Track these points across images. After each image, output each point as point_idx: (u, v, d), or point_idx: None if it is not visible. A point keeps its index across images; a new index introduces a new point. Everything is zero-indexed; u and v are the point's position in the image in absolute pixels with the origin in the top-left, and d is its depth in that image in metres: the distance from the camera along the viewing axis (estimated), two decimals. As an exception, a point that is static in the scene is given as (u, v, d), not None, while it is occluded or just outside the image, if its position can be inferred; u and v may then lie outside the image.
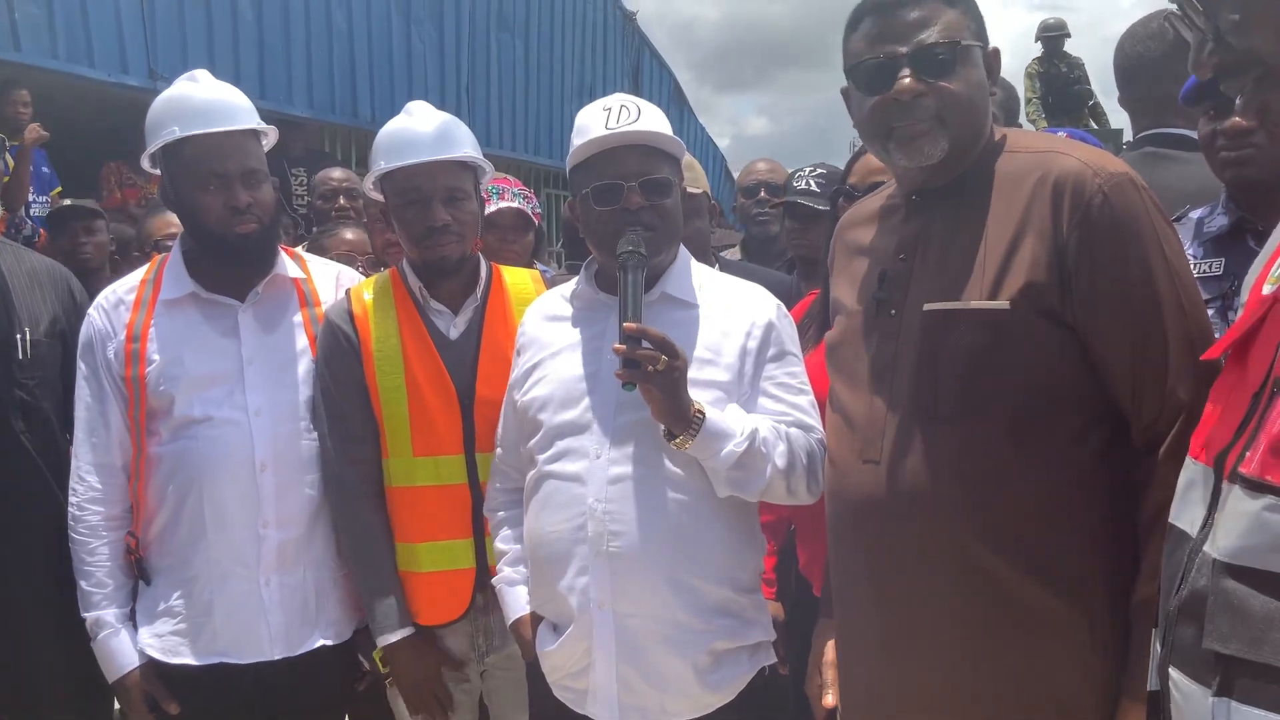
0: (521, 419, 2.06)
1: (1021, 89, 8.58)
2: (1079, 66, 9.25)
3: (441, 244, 2.26)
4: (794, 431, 1.93)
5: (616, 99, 2.01)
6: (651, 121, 1.96)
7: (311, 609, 2.31)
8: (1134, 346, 1.52)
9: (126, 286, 2.37)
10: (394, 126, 2.34)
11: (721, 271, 2.55)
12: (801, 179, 3.26)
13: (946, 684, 1.61)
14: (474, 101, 11.06)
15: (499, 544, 2.18)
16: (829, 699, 1.83)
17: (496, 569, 2.18)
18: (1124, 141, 5.50)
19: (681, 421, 1.81)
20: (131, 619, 2.31)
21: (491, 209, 3.05)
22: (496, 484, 2.21)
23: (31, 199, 5.92)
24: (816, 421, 1.97)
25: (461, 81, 10.95)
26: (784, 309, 2.08)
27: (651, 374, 1.76)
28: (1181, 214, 2.20)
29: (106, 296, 2.36)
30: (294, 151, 7.83)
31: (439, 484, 2.27)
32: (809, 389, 2.01)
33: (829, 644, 1.88)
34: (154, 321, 2.30)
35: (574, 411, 1.95)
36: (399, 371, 2.27)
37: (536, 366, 2.05)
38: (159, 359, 2.27)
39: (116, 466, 2.32)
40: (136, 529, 2.30)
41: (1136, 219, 1.53)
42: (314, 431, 2.32)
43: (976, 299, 1.57)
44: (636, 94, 2.18)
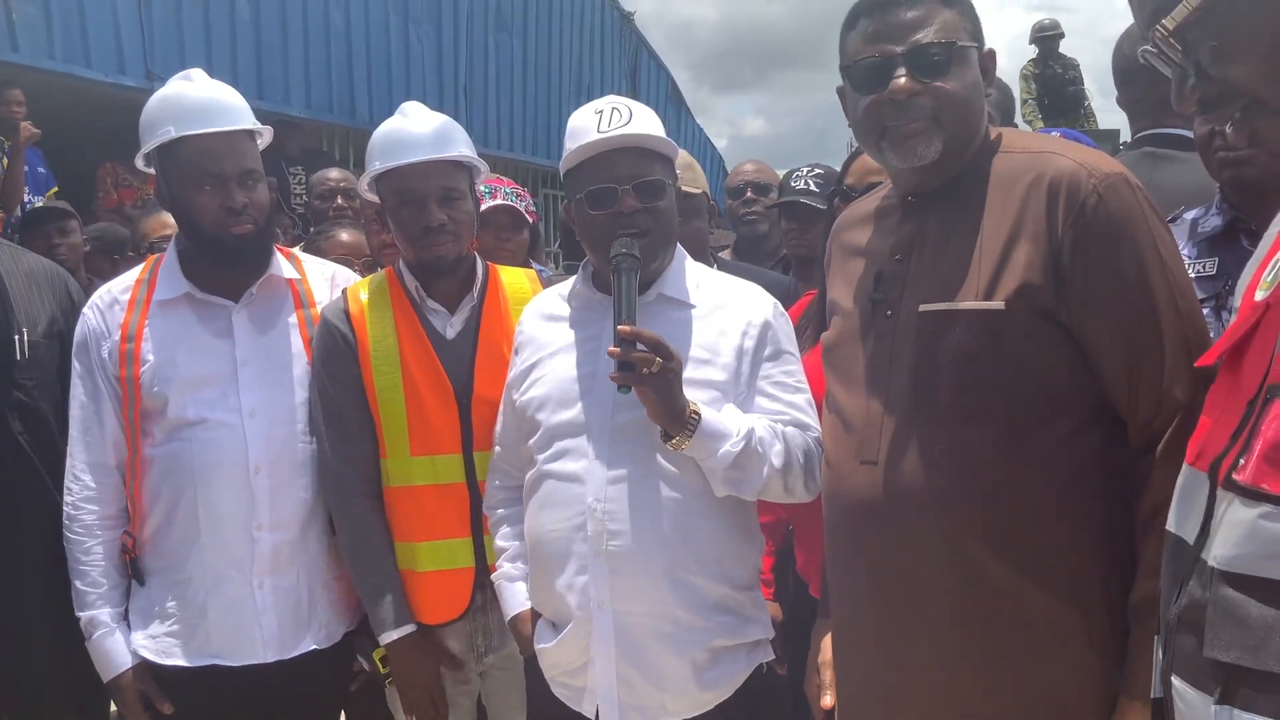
0: (520, 418, 2.07)
1: (1017, 90, 8.58)
2: (1074, 67, 9.26)
3: (437, 244, 2.26)
4: (790, 430, 1.93)
5: (608, 101, 2.01)
6: (644, 124, 1.97)
7: (304, 612, 2.30)
8: (1129, 346, 1.52)
9: (121, 286, 2.36)
10: (388, 127, 2.34)
11: (719, 271, 2.55)
12: (800, 179, 3.27)
13: (944, 684, 1.61)
14: (472, 102, 11.06)
15: (499, 541, 2.18)
16: (827, 699, 1.83)
17: (496, 566, 2.19)
18: (1120, 142, 5.50)
19: (677, 422, 1.82)
20: (126, 619, 2.31)
21: (484, 208, 3.06)
22: (495, 482, 2.21)
23: (28, 199, 5.91)
24: (813, 420, 1.98)
25: (459, 82, 10.94)
26: (781, 308, 2.08)
27: (646, 376, 1.77)
28: (1176, 215, 2.20)
29: (101, 296, 2.35)
30: (291, 151, 7.83)
31: (437, 483, 2.27)
32: (806, 388, 2.02)
33: (826, 643, 1.88)
34: (149, 322, 2.29)
35: (572, 411, 1.96)
36: (396, 371, 2.27)
37: (534, 366, 2.05)
38: (153, 359, 2.26)
39: (111, 465, 2.31)
40: (133, 529, 2.30)
41: (1131, 219, 1.54)
42: (309, 433, 2.31)
43: (972, 300, 1.57)
44: (634, 94, 2.18)
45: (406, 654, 2.24)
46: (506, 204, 3.18)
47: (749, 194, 3.97)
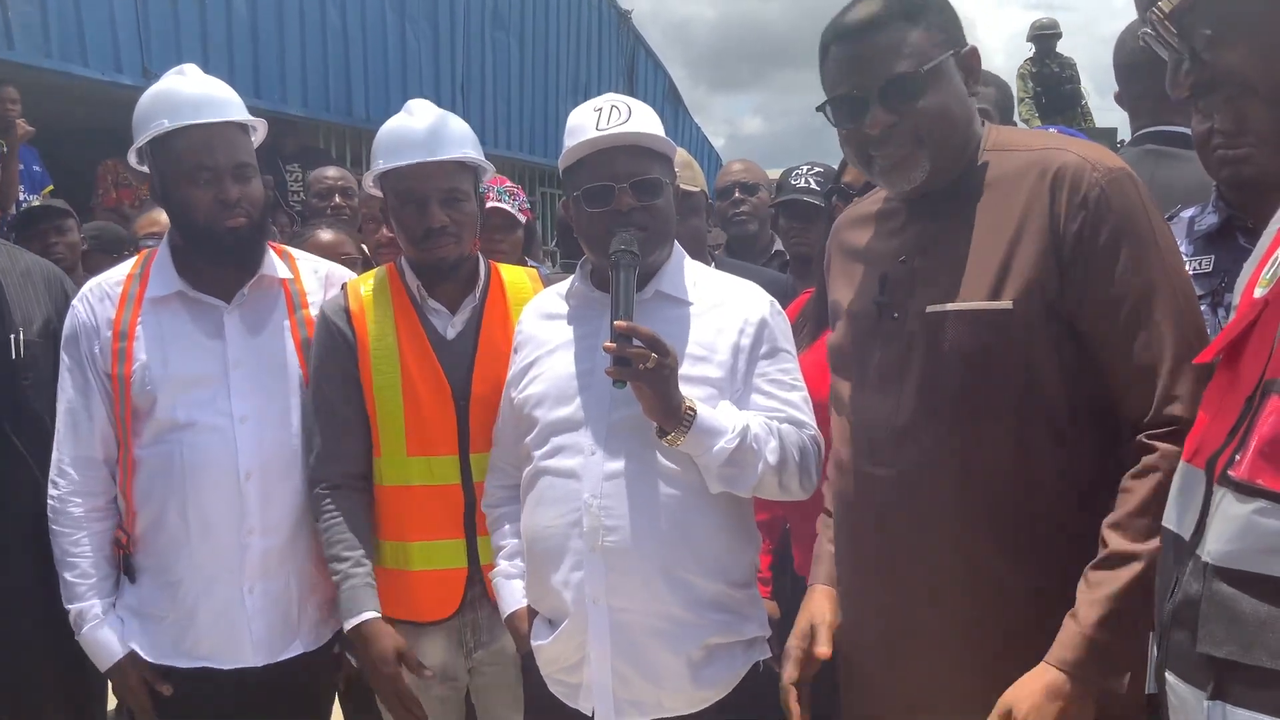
0: (518, 415, 2.07)
1: (1015, 88, 8.59)
2: (1071, 66, 9.27)
3: (439, 246, 2.25)
4: (786, 428, 1.94)
5: (607, 99, 2.01)
6: (642, 122, 1.97)
7: (294, 615, 2.29)
8: (1128, 340, 1.51)
9: (113, 280, 2.32)
10: (393, 125, 2.32)
11: (717, 269, 2.55)
12: (800, 177, 3.26)
13: (955, 686, 1.60)
14: (469, 99, 11.06)
15: (496, 539, 2.18)
16: (824, 648, 1.79)
17: (494, 563, 2.18)
18: (1117, 140, 5.51)
19: (672, 418, 1.82)
20: (115, 609, 2.28)
21: None
22: (494, 480, 2.21)
23: (23, 198, 5.89)
24: (809, 418, 1.98)
25: (456, 79, 10.95)
26: (778, 306, 2.08)
27: (641, 371, 1.77)
28: (1173, 213, 2.20)
29: (92, 290, 2.31)
30: (288, 149, 7.83)
31: (432, 484, 2.26)
32: (802, 386, 2.02)
33: (817, 603, 1.84)
34: (140, 319, 2.26)
35: (569, 408, 1.96)
36: (395, 370, 2.26)
37: (533, 364, 2.06)
38: (144, 358, 2.23)
39: (99, 460, 2.28)
40: (126, 525, 2.28)
41: (1133, 214, 1.53)
42: (300, 438, 2.29)
43: (979, 299, 1.56)
44: (631, 93, 2.17)
45: (362, 643, 2.19)
46: (498, 205, 3.17)
47: (737, 194, 3.96)
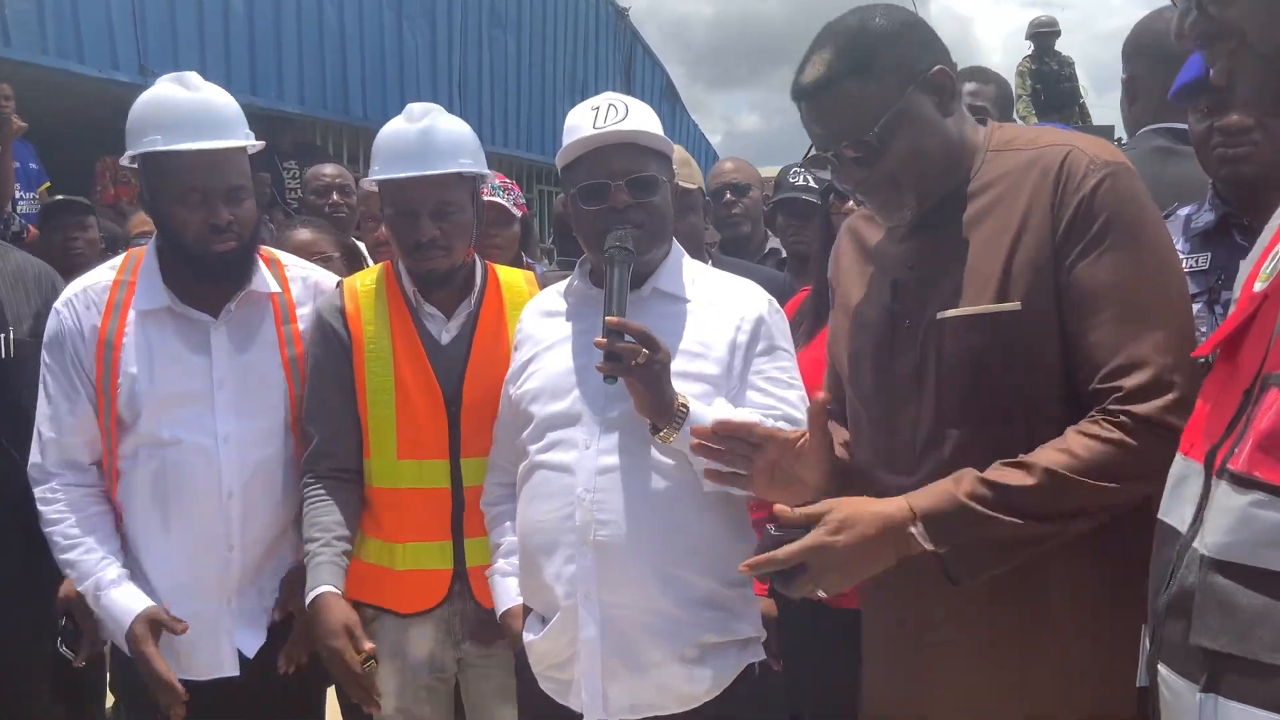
0: (515, 411, 2.07)
1: (1014, 86, 8.60)
2: (1069, 64, 9.28)
3: (428, 259, 2.23)
4: (781, 425, 1.93)
5: (605, 98, 2.01)
6: (639, 120, 1.96)
7: (275, 618, 2.28)
8: (1115, 326, 1.49)
9: (98, 286, 2.24)
10: (391, 131, 2.28)
11: (714, 267, 2.55)
12: (797, 175, 3.27)
13: (974, 688, 1.60)
14: (466, 97, 11.06)
15: (493, 537, 2.18)
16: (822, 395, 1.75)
17: (491, 561, 2.18)
18: (1114, 138, 5.51)
19: (665, 415, 1.82)
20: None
21: None
22: (492, 478, 2.21)
23: (19, 195, 5.88)
24: (805, 416, 1.97)
25: (453, 77, 10.94)
26: (776, 304, 2.08)
27: (633, 367, 1.77)
28: (1170, 211, 2.20)
29: (76, 296, 2.22)
30: (285, 146, 7.82)
31: (422, 487, 2.25)
32: (799, 384, 2.02)
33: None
34: (128, 330, 2.19)
35: (565, 403, 1.96)
36: (388, 374, 2.26)
37: (531, 360, 2.06)
38: (131, 371, 2.17)
39: (84, 465, 2.23)
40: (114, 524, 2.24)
41: (1127, 209, 1.52)
42: (284, 457, 2.27)
43: (987, 302, 1.56)
44: (628, 90, 2.16)
45: (314, 615, 2.14)
46: (492, 200, 3.16)
47: (728, 195, 3.94)
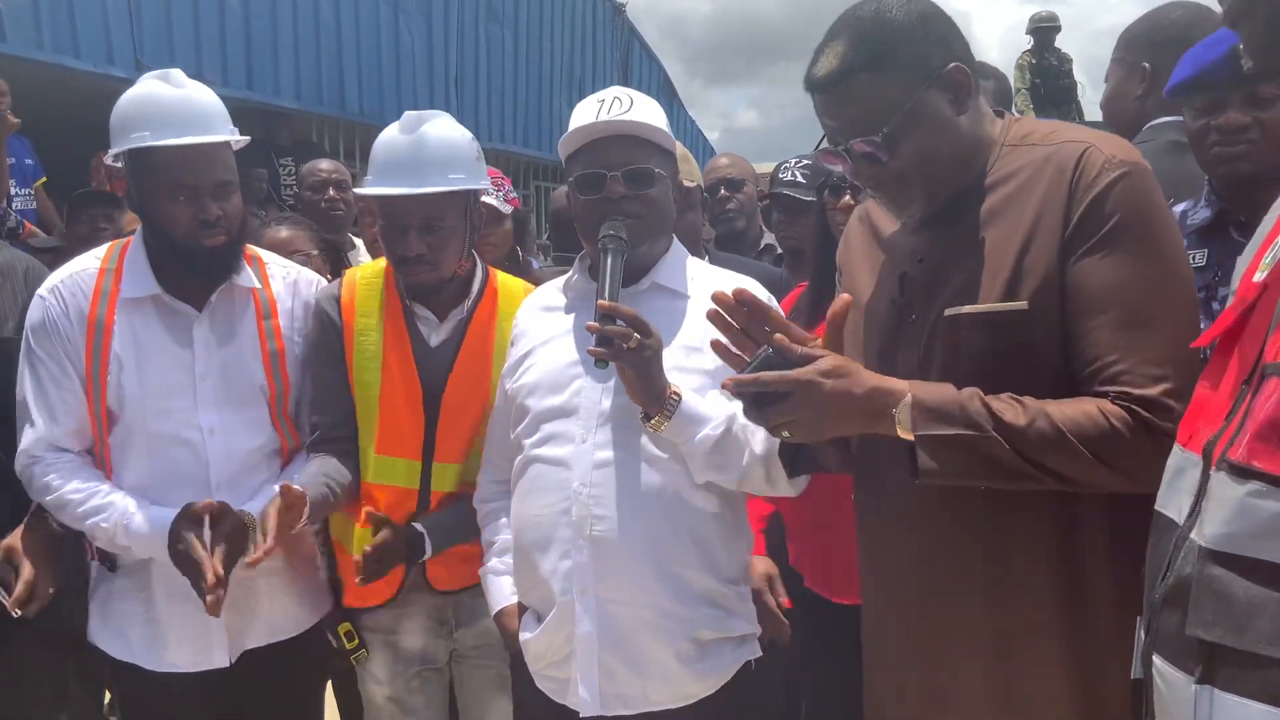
0: (511, 406, 2.07)
1: (1013, 80, 8.58)
2: (1068, 61, 9.26)
3: (414, 273, 2.25)
4: None
5: (612, 91, 2.01)
6: (642, 114, 1.96)
7: (266, 612, 2.29)
8: (1116, 330, 1.48)
9: (86, 272, 2.24)
10: (385, 141, 2.28)
11: (712, 264, 2.55)
12: (788, 171, 3.27)
13: (977, 687, 1.60)
14: (462, 93, 11.04)
15: (486, 534, 2.18)
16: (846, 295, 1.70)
17: (484, 559, 2.18)
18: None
19: (656, 402, 1.82)
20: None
21: None
22: (487, 475, 2.21)
23: (14, 191, 5.86)
24: None
25: (450, 73, 10.91)
26: (773, 299, 2.08)
27: (624, 351, 1.77)
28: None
29: (63, 281, 2.22)
30: (282, 142, 7.80)
31: (392, 484, 2.28)
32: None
33: None
34: (116, 319, 2.19)
35: (561, 397, 1.96)
36: (376, 367, 2.28)
37: (528, 355, 2.06)
38: (119, 361, 2.17)
39: (73, 452, 2.21)
40: None
41: (1142, 210, 1.50)
42: (270, 449, 2.28)
43: (995, 300, 1.54)
44: (626, 86, 2.15)
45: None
46: (484, 201, 3.14)
47: (723, 191, 3.94)
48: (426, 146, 2.24)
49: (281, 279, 2.38)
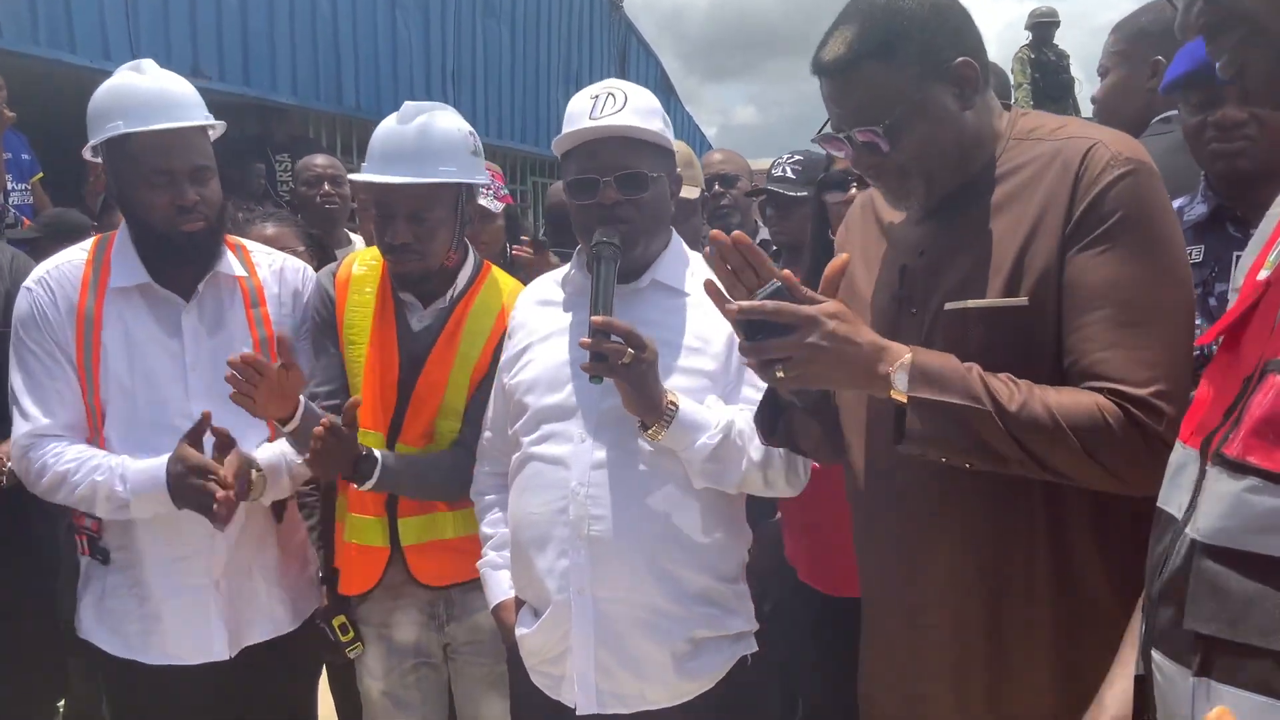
0: (509, 401, 2.06)
1: (1012, 75, 8.58)
2: (1066, 57, 9.25)
3: (400, 262, 2.27)
4: None
5: (606, 86, 1.98)
6: (635, 112, 1.94)
7: (262, 603, 2.30)
8: (1109, 327, 1.46)
9: (72, 263, 2.24)
10: (383, 130, 2.30)
11: (708, 260, 2.55)
12: (779, 167, 3.27)
13: (974, 691, 1.60)
14: (459, 88, 11.02)
15: (484, 528, 2.18)
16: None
17: (481, 553, 2.18)
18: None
19: (653, 412, 1.81)
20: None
21: None
22: (484, 467, 2.21)
23: (11, 187, 5.85)
24: None
25: (447, 68, 10.90)
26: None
27: (618, 367, 1.76)
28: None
29: (50, 273, 2.22)
30: (278, 138, 7.80)
31: None
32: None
33: None
34: (105, 309, 2.19)
35: (559, 395, 1.95)
36: (363, 344, 2.33)
37: (525, 350, 2.05)
38: (110, 350, 2.18)
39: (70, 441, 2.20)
40: None
41: (1144, 210, 1.48)
42: (260, 438, 2.28)
43: (996, 296, 1.53)
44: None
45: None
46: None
47: (717, 187, 3.95)
48: (420, 137, 2.26)
49: (267, 266, 2.40)
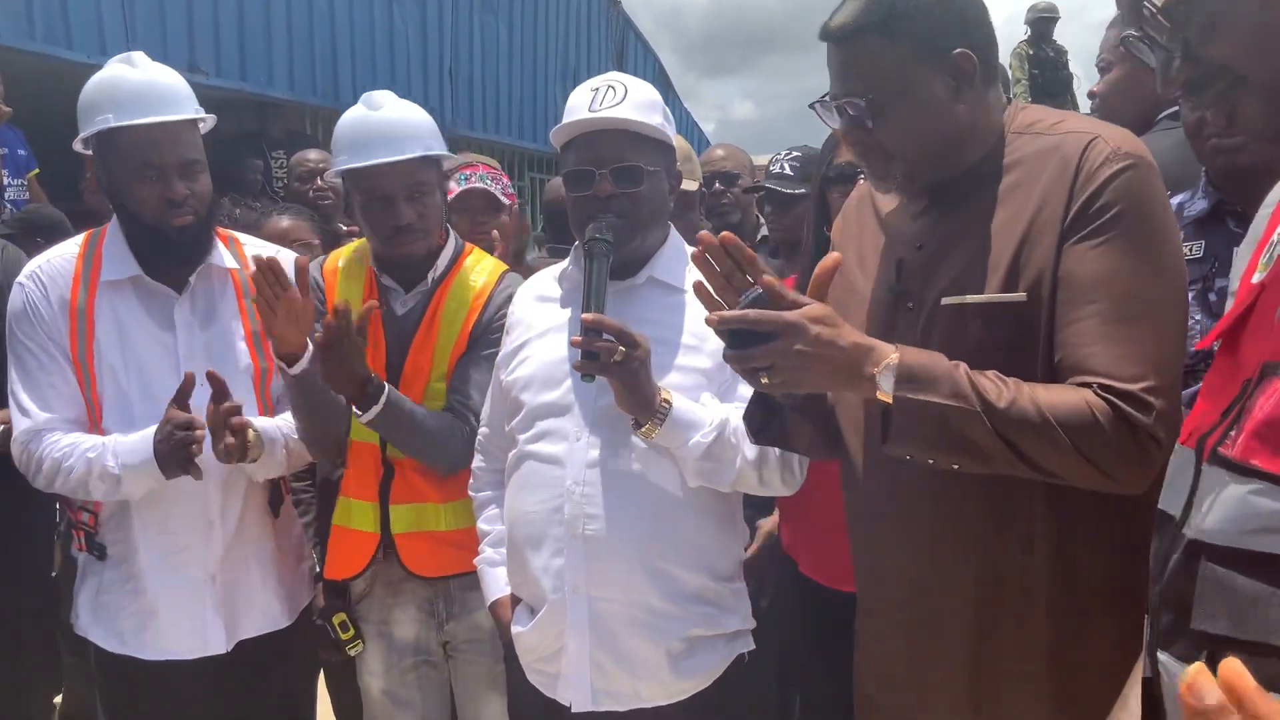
0: (505, 398, 2.06)
1: (1010, 70, 8.57)
2: (1064, 53, 9.24)
3: (408, 243, 2.28)
4: None
5: (606, 79, 1.98)
6: (633, 105, 1.93)
7: (257, 598, 2.30)
8: (1101, 322, 1.45)
9: (64, 258, 2.23)
10: (354, 119, 2.31)
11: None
12: (777, 163, 3.27)
13: (973, 687, 1.59)
14: (457, 84, 11.02)
15: (482, 524, 2.17)
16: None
17: (478, 549, 2.18)
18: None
19: (646, 410, 1.80)
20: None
21: (460, 190, 3.07)
22: (481, 463, 2.21)
23: (7, 182, 5.83)
24: None
25: (444, 64, 10.89)
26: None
27: (610, 365, 1.75)
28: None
29: (41, 268, 2.21)
30: (274, 134, 7.79)
31: (362, 440, 2.32)
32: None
33: None
34: (97, 303, 2.19)
35: (556, 393, 1.95)
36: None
37: (522, 346, 2.05)
38: (104, 344, 2.17)
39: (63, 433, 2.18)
40: (93, 504, 2.22)
41: (1142, 205, 1.47)
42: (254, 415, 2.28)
43: (994, 291, 1.52)
44: (621, 74, 2.14)
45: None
46: (481, 187, 3.14)
47: (717, 184, 3.93)
48: (396, 119, 2.30)
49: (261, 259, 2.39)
